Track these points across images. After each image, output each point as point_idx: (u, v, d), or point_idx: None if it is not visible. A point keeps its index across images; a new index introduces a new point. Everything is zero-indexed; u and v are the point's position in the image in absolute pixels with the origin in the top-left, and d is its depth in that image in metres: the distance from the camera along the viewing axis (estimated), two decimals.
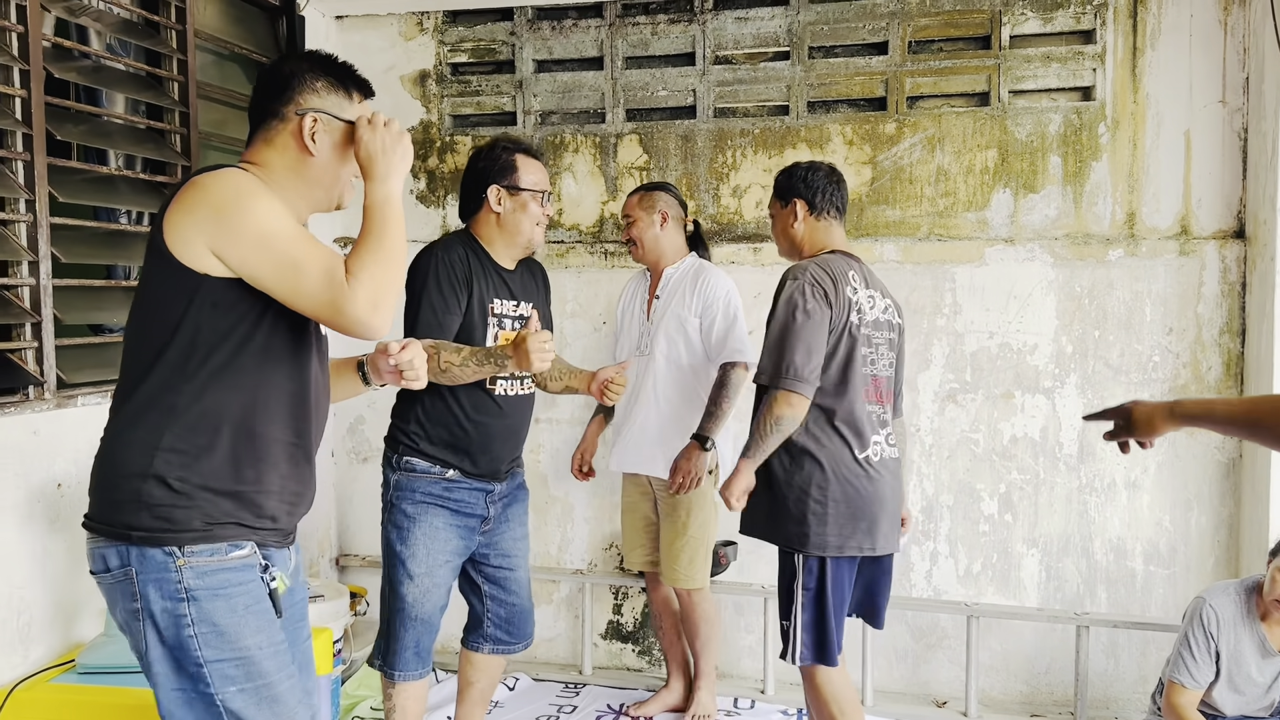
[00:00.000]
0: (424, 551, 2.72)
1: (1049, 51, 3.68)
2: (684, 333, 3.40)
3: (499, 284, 2.78)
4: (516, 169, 2.76)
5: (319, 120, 1.82)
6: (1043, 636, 3.77)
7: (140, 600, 1.71)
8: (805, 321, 2.64)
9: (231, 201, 1.68)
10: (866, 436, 2.73)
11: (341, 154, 1.86)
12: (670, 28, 3.95)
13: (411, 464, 2.73)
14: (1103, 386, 3.69)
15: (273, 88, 1.85)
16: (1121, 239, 3.66)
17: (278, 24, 3.93)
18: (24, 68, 2.72)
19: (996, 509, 3.80)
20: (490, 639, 2.95)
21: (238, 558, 1.76)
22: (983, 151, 3.75)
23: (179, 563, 1.71)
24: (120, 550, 1.72)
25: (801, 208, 2.86)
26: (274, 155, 1.84)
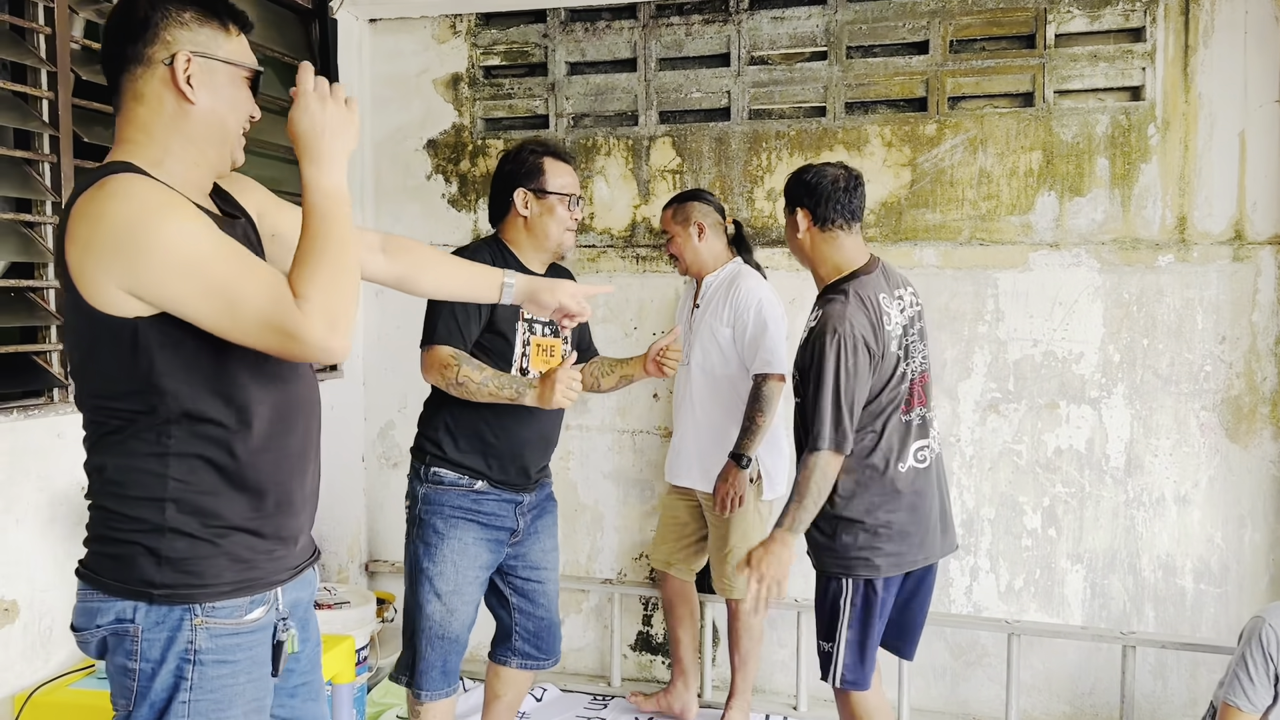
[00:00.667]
0: (452, 569, 2.66)
1: (1096, 50, 3.56)
2: (716, 343, 3.35)
3: None
4: (544, 172, 2.70)
5: (193, 60, 1.53)
6: (1087, 656, 3.64)
7: (139, 659, 1.54)
8: (847, 381, 2.48)
9: (130, 229, 1.41)
10: (907, 448, 2.61)
11: (228, 99, 1.58)
12: (705, 28, 3.88)
13: (439, 475, 2.68)
14: (1151, 397, 3.56)
15: (129, 28, 1.53)
16: (1172, 244, 3.52)
17: (310, 27, 3.92)
18: (51, 69, 2.71)
19: (1040, 523, 3.67)
20: (519, 653, 2.89)
21: (253, 620, 1.61)
22: (1027, 153, 3.63)
23: (196, 621, 1.54)
24: (126, 606, 1.54)
25: (804, 218, 2.63)
26: (148, 114, 1.54)
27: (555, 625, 2.94)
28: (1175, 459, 3.56)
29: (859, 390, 2.51)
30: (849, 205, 2.62)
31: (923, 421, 2.66)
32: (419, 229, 4.17)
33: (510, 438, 2.67)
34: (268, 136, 3.73)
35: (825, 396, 2.48)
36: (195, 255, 1.42)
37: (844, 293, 2.56)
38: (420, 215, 4.17)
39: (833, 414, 2.48)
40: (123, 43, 1.54)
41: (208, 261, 1.43)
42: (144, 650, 1.54)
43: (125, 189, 1.45)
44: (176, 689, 1.54)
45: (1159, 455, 3.57)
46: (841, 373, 2.47)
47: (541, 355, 2.72)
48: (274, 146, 3.74)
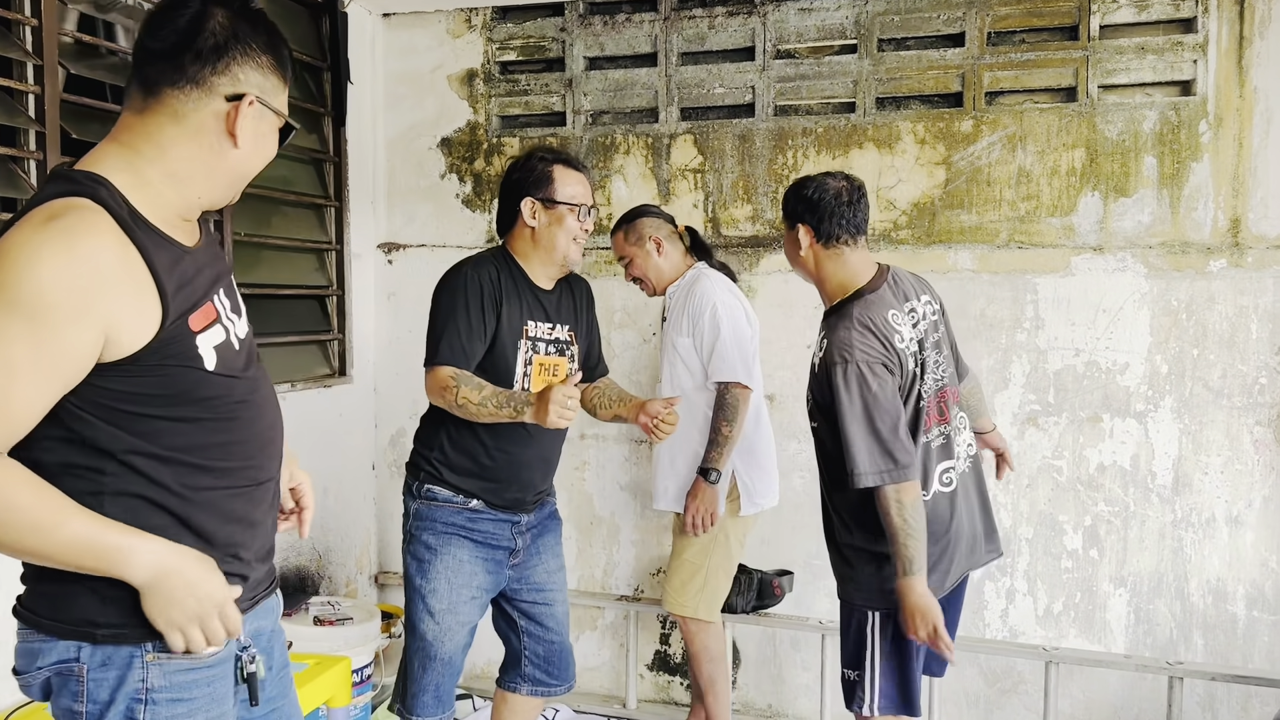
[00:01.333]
0: (445, 587, 2.52)
1: (1144, 42, 3.35)
2: (678, 355, 3.14)
3: (534, 305, 2.55)
4: (553, 180, 2.53)
5: (254, 105, 1.44)
6: (1131, 686, 3.42)
7: (85, 700, 1.41)
8: (875, 405, 2.29)
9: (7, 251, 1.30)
10: (931, 473, 2.43)
11: (262, 149, 1.50)
12: (728, 21, 3.71)
13: (433, 492, 2.54)
14: (1201, 410, 3.34)
15: (195, 44, 1.40)
16: (1224, 248, 3.30)
17: (320, 22, 3.80)
18: (38, 63, 2.60)
19: (1081, 544, 3.46)
20: (529, 679, 2.73)
21: (207, 655, 1.47)
22: (1069, 151, 3.42)
23: (147, 658, 1.42)
24: (69, 645, 1.41)
25: (806, 235, 2.45)
26: (180, 138, 1.42)
27: (567, 649, 2.78)
28: (1227, 477, 3.34)
29: (892, 409, 2.31)
30: (853, 219, 2.44)
31: (946, 441, 2.47)
32: (432, 230, 4.04)
33: (508, 460, 2.53)
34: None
35: (856, 429, 2.29)
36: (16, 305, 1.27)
37: (847, 316, 2.38)
38: (433, 216, 4.04)
39: (870, 444, 2.29)
40: (185, 56, 1.40)
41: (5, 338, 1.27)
42: (90, 691, 1.41)
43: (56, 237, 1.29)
44: None
45: (1209, 473, 3.35)
46: (867, 398, 2.29)
47: (544, 375, 2.56)
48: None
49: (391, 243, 4.09)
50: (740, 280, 3.70)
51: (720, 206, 3.74)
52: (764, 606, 3.52)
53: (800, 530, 3.68)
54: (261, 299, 3.55)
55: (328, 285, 3.87)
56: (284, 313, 3.69)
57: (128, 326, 1.34)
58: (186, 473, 1.44)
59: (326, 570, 3.82)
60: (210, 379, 1.45)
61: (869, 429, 2.29)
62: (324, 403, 3.80)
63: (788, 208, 2.50)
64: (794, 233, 2.48)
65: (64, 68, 2.67)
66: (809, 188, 2.46)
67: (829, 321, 2.43)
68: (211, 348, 1.45)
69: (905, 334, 2.39)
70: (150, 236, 1.39)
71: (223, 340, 1.49)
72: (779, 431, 3.68)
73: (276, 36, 1.50)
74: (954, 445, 2.49)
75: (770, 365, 3.68)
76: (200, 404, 1.44)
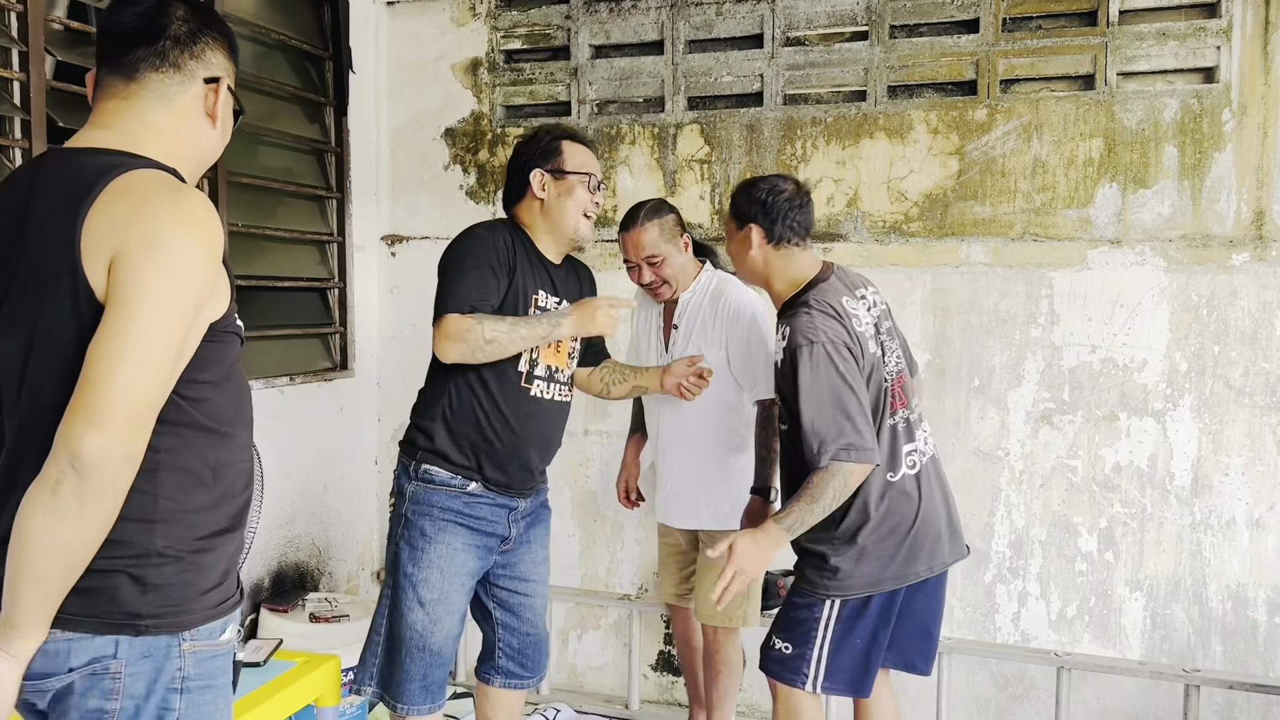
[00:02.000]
0: (438, 576, 2.45)
1: (1165, 28, 3.23)
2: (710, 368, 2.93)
3: (543, 276, 2.51)
4: (561, 152, 2.51)
5: (222, 89, 1.52)
6: (1146, 693, 3.31)
7: (120, 697, 1.38)
8: (840, 384, 2.27)
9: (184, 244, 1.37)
10: (898, 455, 2.41)
11: (226, 132, 1.57)
12: (736, 7, 3.62)
13: (430, 474, 2.47)
14: (1222, 409, 3.23)
15: (169, 24, 1.47)
16: (1248, 241, 3.19)
17: (321, 10, 3.74)
18: (23, 50, 2.56)
19: (1096, 546, 3.36)
20: (502, 671, 2.67)
21: (226, 641, 1.50)
22: (1086, 141, 3.31)
23: (184, 647, 1.42)
24: (106, 641, 1.37)
25: (758, 235, 2.48)
26: (171, 123, 1.48)
27: (541, 640, 2.72)
28: (1248, 479, 3.22)
29: (859, 392, 2.30)
30: (803, 221, 2.51)
31: (907, 424, 2.46)
32: (436, 222, 3.98)
33: (511, 432, 2.46)
34: (283, 126, 3.57)
35: (821, 409, 2.27)
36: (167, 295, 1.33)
37: (805, 303, 2.39)
38: (437, 207, 3.98)
39: (836, 421, 2.26)
40: (163, 40, 1.47)
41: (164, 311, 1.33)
42: (127, 687, 1.38)
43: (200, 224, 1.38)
44: None
45: (1230, 474, 3.23)
46: (833, 378, 2.28)
47: (552, 349, 2.53)
48: (285, 135, 3.57)
49: (395, 235, 4.03)
50: None
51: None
52: (768, 607, 3.44)
53: None
54: (262, 291, 3.50)
55: (329, 278, 3.82)
56: (285, 305, 3.65)
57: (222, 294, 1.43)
58: (216, 443, 1.46)
59: (327, 566, 3.77)
60: (239, 345, 1.51)
61: (836, 407, 2.27)
62: (325, 397, 3.76)
63: (738, 209, 2.53)
64: (744, 232, 2.51)
65: (51, 54, 2.63)
66: (761, 189, 2.52)
67: (786, 315, 2.42)
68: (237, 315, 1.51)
69: (862, 317, 2.42)
70: None
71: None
72: None
73: (226, 24, 1.58)
74: (914, 429, 2.49)
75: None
76: (234, 370, 1.50)
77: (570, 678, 3.92)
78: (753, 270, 2.55)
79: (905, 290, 3.47)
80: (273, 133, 3.51)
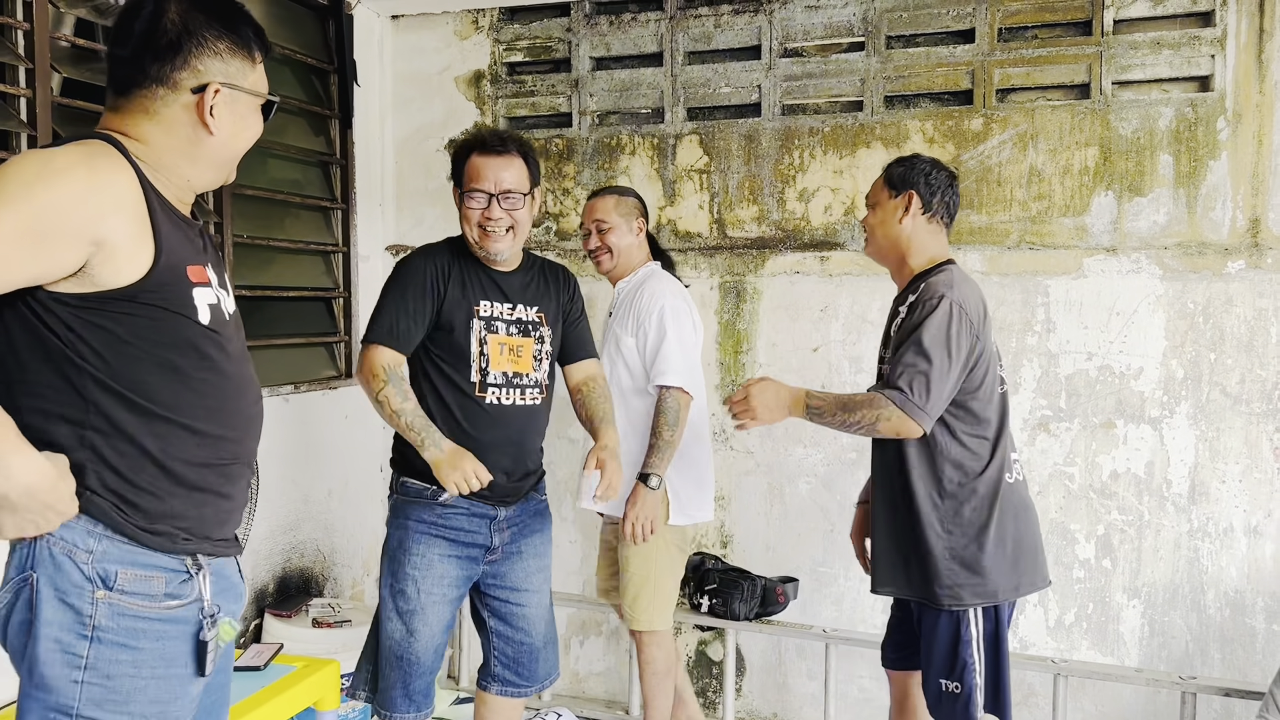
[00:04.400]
0: (413, 588, 2.49)
1: (1159, 37, 3.25)
2: (621, 354, 3.00)
3: (487, 284, 2.54)
4: (464, 168, 2.51)
5: (220, 91, 1.50)
6: (1144, 701, 3.32)
7: (33, 614, 1.41)
8: (950, 352, 2.30)
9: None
10: (1009, 460, 2.46)
11: (243, 129, 1.57)
12: (734, 19, 3.66)
13: (405, 485, 2.53)
14: (1219, 417, 3.23)
15: (154, 46, 1.47)
16: (1243, 249, 3.19)
17: (326, 24, 3.80)
18: (29, 67, 2.62)
19: (1093, 553, 3.37)
20: (498, 679, 2.69)
21: (167, 607, 1.48)
22: (1082, 149, 3.33)
23: (98, 594, 1.42)
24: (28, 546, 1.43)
25: (916, 202, 2.50)
26: (159, 133, 1.50)
27: (537, 650, 2.70)
28: (1245, 486, 3.23)
29: (957, 365, 2.31)
30: (954, 204, 2.57)
31: (1010, 435, 2.52)
32: (440, 232, 3.96)
33: (469, 440, 2.45)
34: (288, 139, 3.63)
35: (919, 358, 2.29)
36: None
37: (947, 273, 2.44)
38: (441, 218, 4.03)
39: (920, 377, 2.28)
40: (145, 58, 1.48)
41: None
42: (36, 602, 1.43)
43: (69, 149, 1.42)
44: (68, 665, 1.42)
45: (1227, 481, 3.24)
46: (945, 339, 2.29)
47: (509, 355, 2.53)
48: (291, 148, 3.63)
49: (399, 245, 4.08)
50: (745, 282, 3.66)
51: (726, 207, 3.69)
52: (767, 614, 3.46)
53: (805, 537, 3.62)
54: (268, 301, 3.56)
55: (334, 287, 3.88)
56: (290, 315, 3.70)
57: (124, 252, 1.41)
58: (173, 435, 1.48)
59: (331, 572, 3.82)
60: (204, 333, 1.51)
61: (930, 363, 2.29)
62: (330, 405, 3.81)
63: (898, 177, 2.53)
64: (901, 199, 2.51)
65: (57, 71, 2.69)
66: (925, 163, 2.54)
67: (921, 278, 2.46)
68: (206, 305, 1.52)
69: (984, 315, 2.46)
70: (155, 194, 1.48)
71: (215, 303, 1.56)
72: (784, 437, 3.63)
73: (235, 19, 1.55)
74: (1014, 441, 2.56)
75: (776, 369, 3.63)
76: (190, 355, 1.50)
77: (572, 683, 3.95)
78: (894, 241, 2.53)
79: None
80: (279, 145, 3.57)
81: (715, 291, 3.70)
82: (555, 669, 2.76)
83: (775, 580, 3.48)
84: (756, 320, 3.66)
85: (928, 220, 2.51)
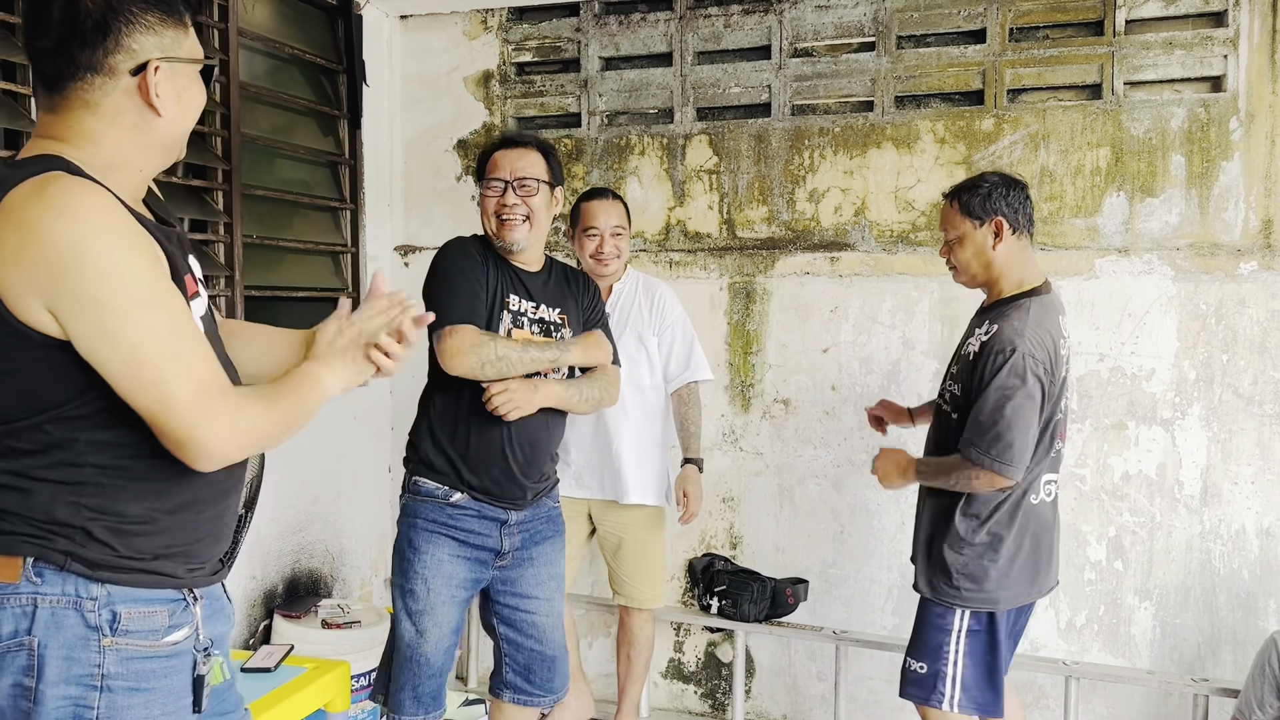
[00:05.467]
0: (423, 587, 2.48)
1: (1172, 37, 3.24)
2: (645, 351, 3.25)
3: (515, 282, 2.55)
4: (487, 163, 2.59)
5: (161, 68, 1.37)
6: (1156, 703, 3.31)
7: (36, 677, 1.34)
8: (1026, 403, 2.38)
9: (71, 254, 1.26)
10: (1040, 480, 2.53)
11: (189, 103, 1.44)
12: (744, 19, 3.65)
13: (418, 485, 2.52)
14: (1231, 418, 3.22)
15: (79, 30, 1.33)
16: (1256, 250, 3.18)
17: (335, 24, 3.79)
18: None
19: (1105, 555, 3.36)
20: (510, 686, 2.68)
21: (171, 643, 1.44)
22: (1093, 150, 3.32)
23: (104, 642, 1.37)
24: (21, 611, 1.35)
25: (1005, 227, 2.51)
26: (101, 125, 1.37)
27: (550, 659, 2.68)
28: (1258, 488, 3.21)
29: (1032, 418, 2.39)
30: (1032, 213, 2.58)
31: (1058, 455, 2.57)
32: (448, 233, 3.94)
33: (488, 437, 2.46)
34: (297, 139, 3.63)
35: (999, 415, 2.37)
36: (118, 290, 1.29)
37: (1024, 307, 2.47)
38: (449, 218, 4.02)
39: (1009, 432, 2.37)
40: (72, 46, 1.33)
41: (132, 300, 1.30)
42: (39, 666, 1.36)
43: (72, 204, 1.27)
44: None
45: (1239, 483, 3.23)
46: (1021, 390, 2.37)
47: None
48: (300, 148, 3.62)
49: (408, 245, 4.08)
50: (755, 283, 3.66)
51: (736, 208, 3.68)
52: (777, 615, 3.46)
53: (815, 538, 3.61)
54: (276, 301, 3.55)
55: (343, 288, 3.87)
56: (299, 315, 3.70)
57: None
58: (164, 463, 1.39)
59: (340, 573, 3.82)
60: None
61: (1012, 417, 2.36)
62: (338, 405, 3.78)
63: (978, 207, 2.52)
64: (989, 226, 2.52)
65: None
66: (997, 183, 2.53)
67: (999, 309, 2.50)
68: (198, 317, 1.43)
69: (1067, 342, 2.52)
70: (129, 209, 1.36)
71: (205, 313, 1.48)
72: (794, 437, 3.63)
73: None
74: (1059, 461, 2.59)
75: (786, 369, 3.63)
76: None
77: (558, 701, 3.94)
78: (989, 267, 2.56)
79: (913, 299, 3.49)
80: (287, 145, 3.56)
81: (725, 292, 3.69)
82: (567, 681, 2.76)
83: (785, 581, 3.47)
84: (766, 321, 3.65)
85: (1018, 239, 2.54)
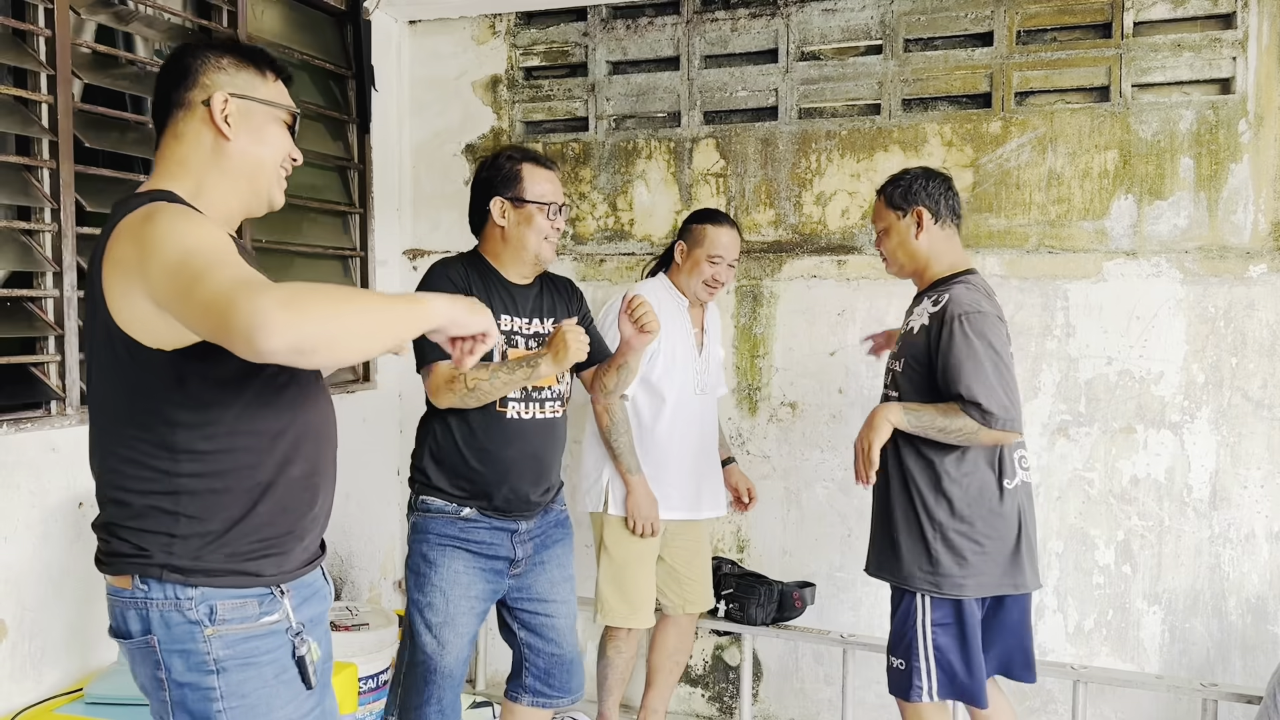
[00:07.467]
0: (442, 599, 2.50)
1: (1180, 39, 3.23)
2: (720, 369, 3.43)
3: (507, 300, 2.57)
4: (521, 179, 2.54)
5: (230, 100, 1.62)
6: (1165, 708, 3.29)
7: (164, 669, 1.57)
8: (1001, 357, 2.45)
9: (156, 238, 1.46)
10: (1013, 461, 2.54)
11: (264, 139, 1.67)
12: (751, 23, 3.65)
13: (426, 503, 2.55)
14: (1240, 422, 3.20)
15: (173, 76, 1.65)
16: (1265, 252, 3.17)
17: (344, 30, 3.81)
18: (51, 73, 2.63)
19: (1113, 559, 3.34)
20: (529, 690, 2.70)
21: (267, 624, 1.61)
22: (1101, 153, 3.31)
23: (207, 632, 1.56)
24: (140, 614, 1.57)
25: (926, 215, 2.61)
26: (186, 150, 1.63)
27: (569, 660, 2.73)
28: (1268, 491, 3.20)
29: (1011, 366, 2.46)
30: (957, 205, 2.68)
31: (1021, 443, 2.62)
32: (456, 237, 4.01)
33: (492, 461, 2.50)
34: (305, 144, 3.64)
35: (982, 375, 2.40)
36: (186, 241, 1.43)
37: (966, 283, 2.55)
38: (458, 222, 3.98)
39: (1000, 386, 2.40)
40: (168, 90, 1.64)
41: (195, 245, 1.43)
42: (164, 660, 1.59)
43: (169, 212, 1.50)
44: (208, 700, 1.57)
45: (1249, 487, 3.21)
46: (996, 346, 2.43)
47: None
48: (309, 152, 3.62)
49: (417, 249, 4.10)
50: (762, 286, 3.67)
51: (743, 211, 3.69)
52: (784, 619, 3.45)
53: (822, 542, 3.61)
54: None
55: None
56: None
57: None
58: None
59: (350, 575, 3.83)
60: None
61: (996, 374, 2.40)
62: (348, 408, 3.81)
63: (899, 198, 2.63)
64: (910, 217, 2.62)
65: (78, 77, 2.71)
66: (916, 175, 2.65)
67: (943, 287, 2.56)
68: None
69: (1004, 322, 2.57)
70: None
71: None
72: (802, 441, 3.62)
73: (239, 44, 1.73)
74: (1023, 447, 2.64)
75: (793, 373, 3.63)
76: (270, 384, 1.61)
77: (590, 688, 3.93)
78: (914, 256, 2.65)
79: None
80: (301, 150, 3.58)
81: (731, 295, 3.69)
82: (584, 682, 2.78)
83: (792, 585, 3.47)
84: (773, 324, 3.65)
85: (941, 228, 2.63)
